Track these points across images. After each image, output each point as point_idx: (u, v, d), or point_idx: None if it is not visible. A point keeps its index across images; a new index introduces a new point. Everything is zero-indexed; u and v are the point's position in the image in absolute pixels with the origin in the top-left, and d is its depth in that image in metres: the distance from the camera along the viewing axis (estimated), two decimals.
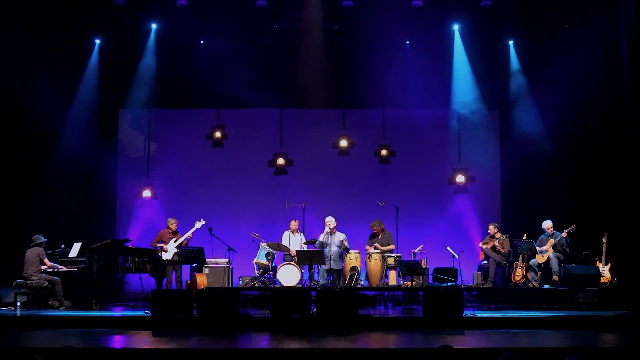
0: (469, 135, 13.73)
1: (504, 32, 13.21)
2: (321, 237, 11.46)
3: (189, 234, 11.72)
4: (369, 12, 12.70)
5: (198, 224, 11.63)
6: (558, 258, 11.42)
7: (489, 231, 11.95)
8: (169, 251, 11.61)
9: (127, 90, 13.44)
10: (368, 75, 13.03)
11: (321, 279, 11.31)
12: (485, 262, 11.96)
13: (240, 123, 13.72)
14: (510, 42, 13.37)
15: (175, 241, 11.70)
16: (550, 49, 12.88)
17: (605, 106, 12.38)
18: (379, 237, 12.04)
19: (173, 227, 11.88)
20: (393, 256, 11.70)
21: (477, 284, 11.73)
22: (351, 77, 13.40)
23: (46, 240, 10.94)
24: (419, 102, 13.15)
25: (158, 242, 11.82)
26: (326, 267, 11.23)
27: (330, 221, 11.40)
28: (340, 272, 11.37)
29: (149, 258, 11.26)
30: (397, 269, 11.43)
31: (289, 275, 11.18)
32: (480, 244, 12.07)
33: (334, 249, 11.28)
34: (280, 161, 13.45)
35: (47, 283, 10.56)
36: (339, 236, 11.40)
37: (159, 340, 8.16)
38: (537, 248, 11.43)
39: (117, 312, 10.43)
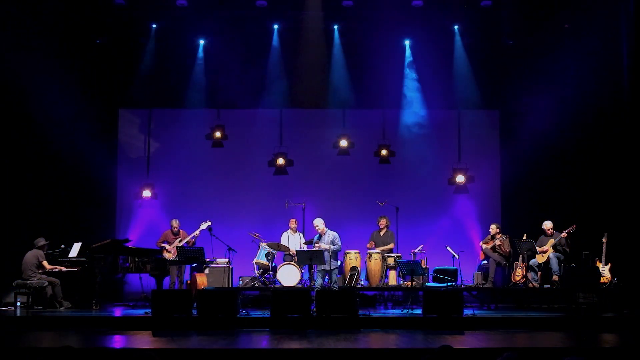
0: (469, 135, 13.73)
1: (504, 32, 13.20)
2: (315, 240, 11.08)
3: (196, 232, 11.69)
4: (369, 12, 12.71)
5: (204, 225, 11.57)
6: (558, 258, 11.42)
7: (490, 231, 11.94)
8: (172, 252, 11.59)
9: (127, 90, 13.44)
10: (368, 76, 13.06)
11: (318, 279, 11.17)
12: (485, 262, 11.98)
13: (240, 123, 13.71)
14: (510, 42, 13.36)
15: (180, 242, 11.68)
16: (550, 49, 12.87)
17: (606, 106, 12.39)
18: (382, 233, 12.04)
19: (176, 228, 11.88)
20: (393, 256, 11.71)
21: (477, 284, 11.74)
22: (351, 77, 13.39)
23: (47, 242, 10.96)
24: (419, 102, 13.14)
25: (163, 242, 11.85)
26: (321, 267, 10.83)
27: (318, 223, 10.92)
28: (332, 272, 10.84)
29: (149, 258, 11.26)
30: (397, 269, 11.43)
31: (289, 275, 11.18)
32: (481, 243, 12.08)
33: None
34: (280, 161, 13.44)
35: (47, 283, 10.56)
36: (330, 235, 10.89)
37: (159, 340, 8.17)
38: (537, 248, 11.43)
39: (117, 312, 10.43)
